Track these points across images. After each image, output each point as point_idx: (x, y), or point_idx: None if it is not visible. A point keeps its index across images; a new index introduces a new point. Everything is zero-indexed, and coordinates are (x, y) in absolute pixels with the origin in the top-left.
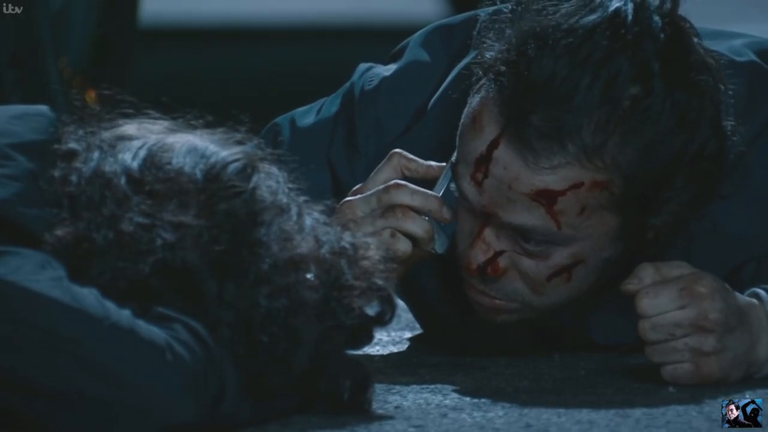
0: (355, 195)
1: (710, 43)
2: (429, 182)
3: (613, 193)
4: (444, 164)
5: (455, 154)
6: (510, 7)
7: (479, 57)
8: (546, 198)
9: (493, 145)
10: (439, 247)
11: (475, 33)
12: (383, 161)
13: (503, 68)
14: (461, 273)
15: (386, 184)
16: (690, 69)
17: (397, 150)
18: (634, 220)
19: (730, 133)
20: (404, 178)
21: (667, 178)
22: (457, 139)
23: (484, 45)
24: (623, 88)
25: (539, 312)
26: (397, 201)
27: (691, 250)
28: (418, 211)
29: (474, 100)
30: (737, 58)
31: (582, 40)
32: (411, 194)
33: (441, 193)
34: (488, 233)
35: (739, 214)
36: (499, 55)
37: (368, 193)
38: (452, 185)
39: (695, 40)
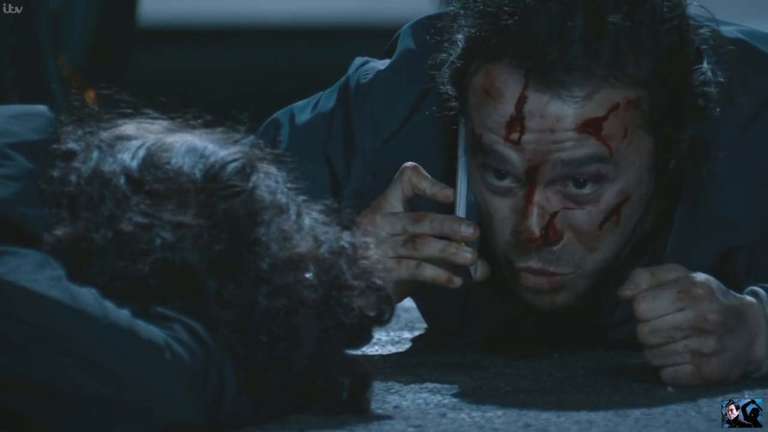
0: (375, 209)
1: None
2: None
3: (644, 111)
4: (449, 193)
5: (460, 149)
6: None
7: (450, 58)
8: (592, 126)
9: (522, 101)
10: (472, 271)
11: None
12: (396, 175)
13: (505, 22)
14: (514, 261)
15: (412, 217)
16: None
17: (409, 165)
18: (664, 140)
19: (709, 36)
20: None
21: (680, 83)
22: (473, 118)
23: (448, 47)
24: (615, 9)
25: (592, 278)
26: (420, 231)
27: (687, 229)
28: (441, 237)
29: (477, 80)
30: (725, 35)
31: None
32: (431, 224)
33: (462, 207)
34: (539, 196)
35: (733, 198)
36: (484, 26)
37: (394, 213)
38: (471, 196)
39: None
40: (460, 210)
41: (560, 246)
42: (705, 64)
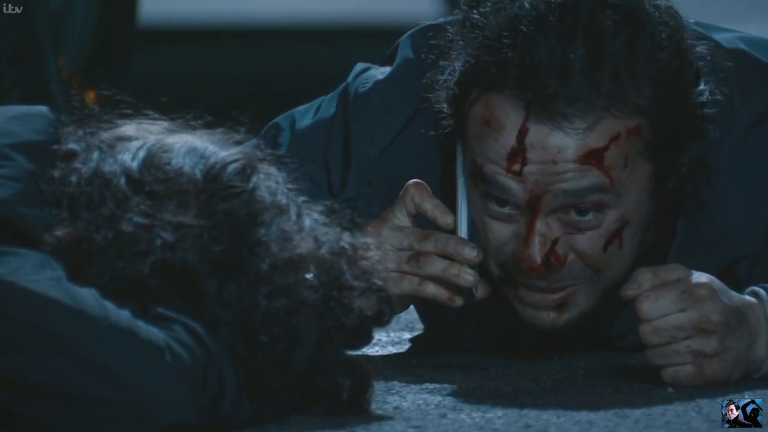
0: (382, 222)
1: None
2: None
3: (644, 138)
4: (450, 221)
5: (459, 171)
6: (470, 14)
7: (447, 81)
8: (594, 158)
9: (523, 132)
10: (474, 291)
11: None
12: (401, 192)
13: (504, 55)
14: (515, 279)
15: (419, 234)
16: None
17: (412, 183)
18: (664, 165)
19: (705, 55)
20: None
21: (679, 107)
22: (464, 153)
23: (445, 69)
24: (615, 36)
25: (600, 295)
26: (425, 249)
27: (688, 242)
28: (444, 257)
29: (476, 110)
30: (725, 45)
31: (563, 4)
32: (435, 242)
33: (464, 228)
34: (540, 225)
35: (733, 209)
36: (483, 54)
37: (400, 227)
38: (471, 217)
39: None
40: (462, 231)
41: (565, 267)
42: (703, 85)
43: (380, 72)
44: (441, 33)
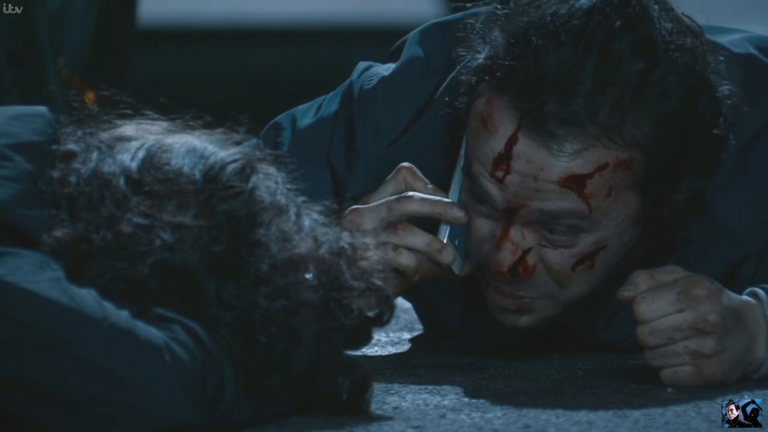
0: (363, 204)
1: (709, 38)
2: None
3: (635, 171)
4: (445, 200)
5: (461, 159)
6: (496, 8)
7: (469, 65)
8: (575, 183)
9: (512, 141)
10: (457, 267)
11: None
12: (391, 174)
13: (511, 62)
14: (485, 277)
15: (397, 196)
16: (684, 35)
17: (405, 165)
18: (655, 198)
19: (728, 95)
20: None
21: (682, 147)
22: (466, 143)
23: (471, 52)
24: (629, 65)
25: (562, 307)
26: (406, 210)
27: (692, 244)
28: (429, 218)
29: (479, 104)
30: (735, 50)
31: (582, 23)
32: (420, 202)
33: (454, 199)
34: (514, 233)
35: (739, 210)
36: (499, 53)
37: (377, 203)
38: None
39: (676, 10)
40: (454, 198)
41: (532, 278)
42: (719, 129)
43: (385, 69)
44: (450, 30)
